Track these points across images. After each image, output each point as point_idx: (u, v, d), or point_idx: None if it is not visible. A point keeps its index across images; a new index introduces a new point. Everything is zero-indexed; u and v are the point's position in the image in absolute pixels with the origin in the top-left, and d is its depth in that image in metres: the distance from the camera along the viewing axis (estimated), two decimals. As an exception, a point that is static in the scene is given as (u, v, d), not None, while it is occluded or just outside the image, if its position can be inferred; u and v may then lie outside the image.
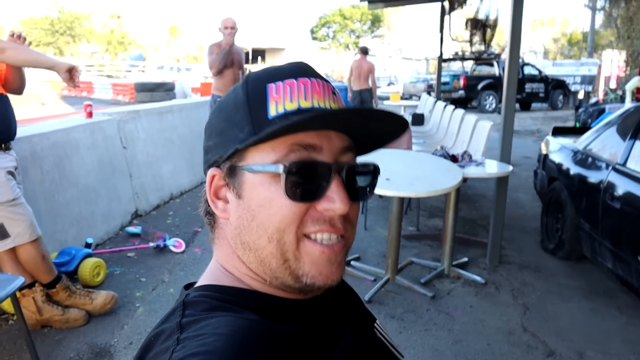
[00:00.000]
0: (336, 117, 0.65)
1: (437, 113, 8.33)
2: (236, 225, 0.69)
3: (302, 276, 0.66)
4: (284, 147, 0.65)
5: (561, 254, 4.32)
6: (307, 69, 0.71)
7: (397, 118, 0.67)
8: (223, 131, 0.70)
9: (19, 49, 2.81)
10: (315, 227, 0.65)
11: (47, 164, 3.93)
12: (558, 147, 4.89)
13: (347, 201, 0.65)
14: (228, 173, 0.69)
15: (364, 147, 0.74)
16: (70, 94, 23.23)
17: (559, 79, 20.33)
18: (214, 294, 0.68)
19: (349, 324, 0.79)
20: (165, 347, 0.58)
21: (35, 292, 3.01)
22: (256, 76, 0.70)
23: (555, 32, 52.24)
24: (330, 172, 0.65)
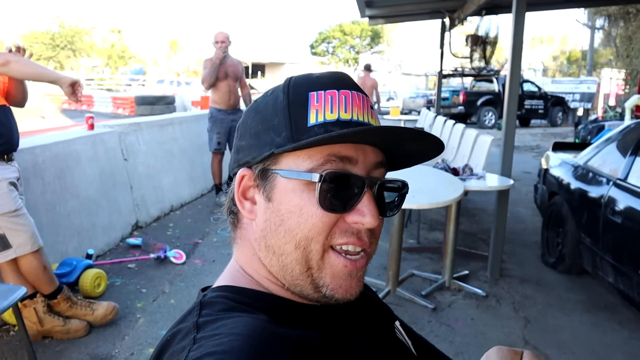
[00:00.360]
0: (375, 133, 0.66)
1: (437, 128, 8.36)
2: (262, 227, 0.70)
3: (322, 287, 0.67)
4: (320, 156, 0.65)
5: (562, 268, 4.32)
6: (348, 80, 0.72)
7: (434, 139, 0.69)
8: (258, 133, 0.70)
9: (22, 62, 2.83)
10: (343, 239, 0.66)
11: (49, 175, 3.94)
12: (559, 162, 4.92)
13: (377, 216, 0.66)
14: (260, 175, 0.69)
15: (396, 164, 0.76)
16: (70, 108, 23.31)
17: (558, 96, 20.45)
18: (231, 295, 0.68)
19: (366, 331, 0.78)
20: (181, 347, 0.58)
21: (36, 302, 3.00)
22: (298, 82, 0.71)
23: (554, 50, 52.67)
24: (364, 185, 0.66)
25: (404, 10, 8.84)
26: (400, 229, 3.68)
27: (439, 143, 0.70)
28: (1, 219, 2.81)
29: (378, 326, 0.82)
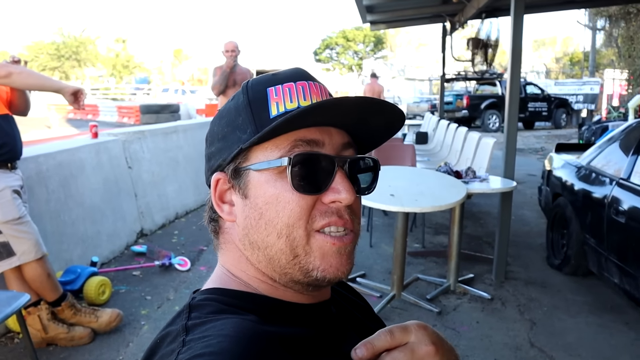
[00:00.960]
0: (336, 106, 0.66)
1: (440, 131, 8.37)
2: (244, 225, 0.70)
3: (312, 270, 0.67)
4: (287, 143, 0.66)
5: (567, 269, 4.30)
6: (303, 73, 0.73)
7: (394, 108, 0.70)
8: (226, 135, 0.71)
9: (24, 73, 2.86)
10: (324, 220, 0.66)
11: (53, 183, 3.96)
12: (562, 163, 4.90)
13: (352, 191, 0.66)
14: (233, 175, 0.70)
15: (364, 145, 0.77)
16: (76, 117, 23.46)
17: (562, 97, 20.41)
18: (219, 297, 0.68)
19: (356, 331, 0.79)
20: (170, 349, 0.58)
21: (40, 310, 3.01)
22: (255, 82, 0.72)
23: (556, 52, 52.62)
24: (334, 164, 0.67)
25: (405, 15, 8.87)
26: (404, 233, 3.67)
27: (400, 113, 0.71)
28: (5, 226, 2.82)
29: (369, 328, 0.82)
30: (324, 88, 0.72)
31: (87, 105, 23.92)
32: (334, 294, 0.85)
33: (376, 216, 5.95)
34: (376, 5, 7.75)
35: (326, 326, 0.73)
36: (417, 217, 5.69)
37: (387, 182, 3.78)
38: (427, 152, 7.88)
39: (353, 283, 4.04)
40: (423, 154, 7.35)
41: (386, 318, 3.50)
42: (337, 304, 0.82)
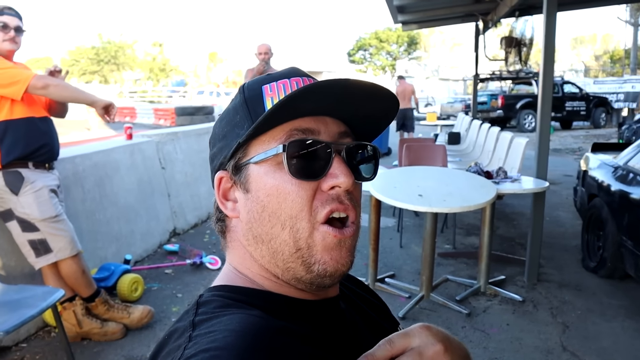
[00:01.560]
0: (324, 88, 0.65)
1: (473, 131, 8.26)
2: (247, 220, 0.71)
3: (313, 264, 0.67)
4: (283, 133, 0.68)
5: (603, 272, 4.18)
6: (298, 71, 0.75)
7: (387, 92, 0.69)
8: (226, 135, 0.73)
9: (60, 86, 2.96)
10: (326, 208, 0.67)
11: (89, 183, 4.08)
12: (598, 163, 4.77)
13: (350, 175, 0.67)
14: (233, 171, 0.71)
15: (362, 137, 0.76)
16: (115, 120, 24.00)
17: (601, 96, 19.82)
18: (227, 294, 0.69)
19: (369, 328, 0.79)
20: (177, 345, 0.59)
21: (75, 305, 3.11)
22: (252, 82, 0.74)
23: (596, 50, 51.20)
24: (330, 151, 0.67)
25: (436, 14, 8.78)
26: (433, 234, 3.64)
27: (392, 97, 0.70)
28: (43, 224, 2.93)
29: (382, 327, 0.82)
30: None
31: (125, 108, 24.54)
32: (347, 291, 0.86)
33: (407, 217, 5.92)
34: (407, 6, 7.70)
35: (333, 322, 0.73)
36: (448, 218, 5.63)
37: (415, 182, 3.76)
38: (459, 152, 7.78)
39: (382, 283, 4.03)
40: (455, 155, 7.26)
41: (414, 319, 3.48)
42: (347, 300, 0.82)
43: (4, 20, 2.93)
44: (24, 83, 2.82)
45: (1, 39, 2.92)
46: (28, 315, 2.35)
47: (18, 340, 3.10)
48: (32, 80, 2.83)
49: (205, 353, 0.54)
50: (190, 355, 0.54)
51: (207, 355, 0.53)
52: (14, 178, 2.89)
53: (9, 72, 2.83)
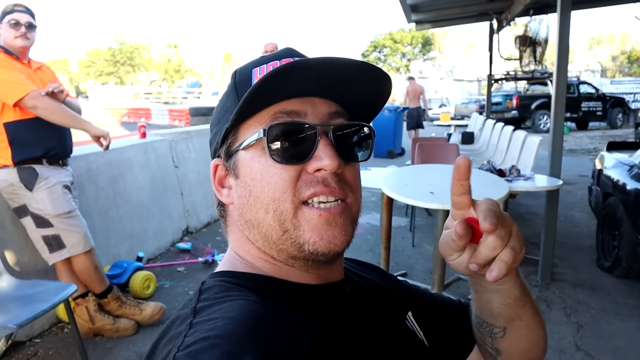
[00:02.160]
0: (307, 69, 0.64)
1: (486, 131, 8.21)
2: (238, 205, 0.71)
3: (303, 244, 0.65)
4: (268, 117, 0.67)
5: (618, 272, 4.13)
6: (291, 52, 0.73)
7: (375, 69, 0.66)
8: (219, 120, 0.73)
9: (49, 110, 2.92)
10: (310, 190, 0.65)
11: (102, 181, 4.12)
12: (613, 162, 4.71)
13: (335, 157, 0.65)
14: (225, 158, 0.72)
15: (362, 117, 0.74)
16: (130, 120, 24.27)
17: (618, 97, 19.58)
18: (228, 279, 0.69)
19: (373, 312, 0.78)
20: (178, 332, 0.58)
21: (88, 301, 3.14)
22: (244, 65, 0.73)
23: (613, 50, 50.58)
24: (316, 133, 0.66)
25: (450, 14, 8.73)
26: (444, 231, 3.61)
27: (382, 73, 0.67)
28: (56, 219, 2.96)
29: (386, 313, 0.81)
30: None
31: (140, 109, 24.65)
32: (354, 276, 0.85)
33: (419, 216, 5.89)
34: (420, 5, 7.67)
35: (336, 307, 0.72)
36: (461, 217, 5.58)
37: (427, 179, 3.74)
38: (473, 152, 7.73)
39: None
40: (468, 154, 7.20)
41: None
42: (353, 285, 0.81)
43: (15, 17, 2.97)
44: (18, 96, 2.83)
45: (13, 35, 2.96)
46: (40, 310, 2.38)
47: (32, 336, 3.14)
48: (25, 98, 2.84)
49: (205, 341, 0.53)
50: (190, 343, 0.54)
51: (207, 343, 0.53)
52: (28, 174, 2.93)
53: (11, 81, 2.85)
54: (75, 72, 53.97)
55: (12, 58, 2.95)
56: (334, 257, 0.68)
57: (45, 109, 2.92)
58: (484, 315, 0.79)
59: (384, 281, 0.91)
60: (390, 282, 0.93)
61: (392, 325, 0.80)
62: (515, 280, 0.71)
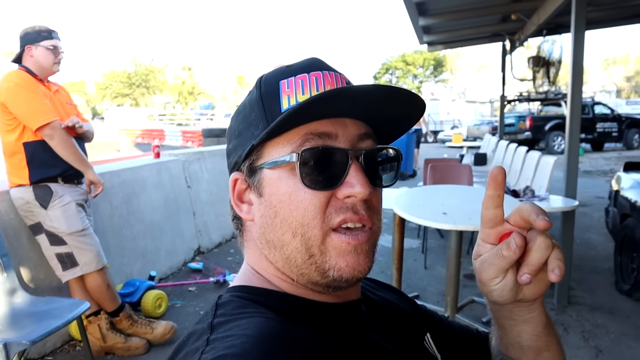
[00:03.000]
0: (341, 96, 0.63)
1: (500, 152, 8.17)
2: (260, 224, 0.69)
3: (328, 270, 0.64)
4: (298, 137, 0.64)
5: (638, 294, 4.04)
6: (319, 63, 0.71)
7: (409, 94, 0.65)
8: (241, 132, 0.71)
9: (63, 144, 2.97)
10: (340, 216, 0.64)
11: (117, 200, 4.15)
12: (631, 182, 4.65)
13: (367, 185, 0.64)
14: (248, 173, 0.69)
15: (385, 136, 0.74)
16: (144, 141, 24.54)
17: (634, 117, 19.42)
18: (245, 295, 0.67)
19: (390, 332, 0.77)
20: (195, 348, 0.58)
21: (100, 319, 3.14)
22: (269, 75, 0.71)
23: (628, 70, 50.40)
24: (348, 157, 0.64)
25: (463, 35, 8.77)
26: (458, 253, 3.58)
27: (417, 99, 0.66)
28: (70, 237, 2.98)
29: (404, 334, 0.80)
30: (340, 77, 0.70)
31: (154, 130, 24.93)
32: (371, 295, 0.83)
33: (431, 238, 5.85)
34: (432, 26, 7.72)
35: (353, 326, 0.71)
36: (474, 239, 5.54)
37: (440, 200, 3.72)
38: (486, 173, 7.68)
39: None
40: (481, 175, 7.17)
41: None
42: (370, 304, 0.80)
43: (54, 43, 3.07)
44: (41, 123, 2.89)
45: (52, 61, 3.06)
46: (54, 326, 2.38)
47: (44, 353, 3.14)
48: (47, 126, 2.90)
49: (222, 359, 0.53)
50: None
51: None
52: (44, 192, 2.96)
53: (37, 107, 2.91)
54: (92, 93, 54.89)
55: (37, 80, 3.01)
56: (356, 282, 0.67)
57: (60, 141, 2.97)
58: (512, 352, 0.77)
59: (401, 301, 0.89)
60: (408, 303, 0.91)
61: (410, 346, 0.79)
62: (543, 305, 0.70)
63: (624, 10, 7.62)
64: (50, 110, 2.94)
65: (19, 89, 2.89)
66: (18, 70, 3.00)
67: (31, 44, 3.03)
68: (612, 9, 7.45)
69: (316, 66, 0.70)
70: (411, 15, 6.75)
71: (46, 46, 3.04)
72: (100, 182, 3.21)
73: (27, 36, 3.05)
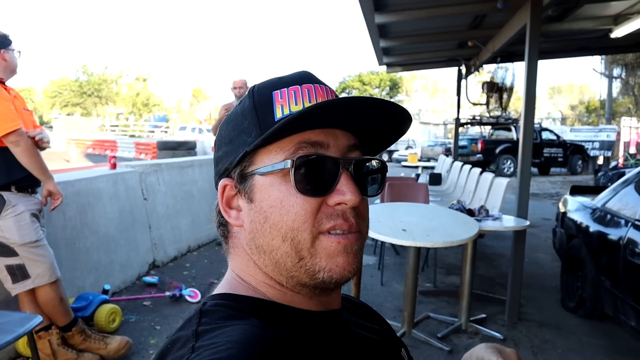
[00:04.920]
0: (336, 107, 0.66)
1: (454, 172, 8.39)
2: (250, 229, 0.70)
3: (318, 272, 0.66)
4: (291, 145, 0.67)
5: (582, 312, 4.22)
6: (310, 76, 0.74)
7: (399, 109, 0.69)
8: (232, 139, 0.72)
9: (28, 152, 2.89)
10: (330, 222, 0.66)
11: (70, 210, 4.03)
12: (576, 205, 4.87)
13: (357, 193, 0.66)
14: (239, 179, 0.71)
15: (372, 147, 0.77)
16: (94, 152, 23.87)
17: (578, 144, 20.38)
18: (230, 303, 0.68)
19: (371, 341, 0.78)
20: (180, 355, 0.58)
21: (51, 334, 3.02)
22: (262, 85, 0.73)
23: (572, 100, 52.83)
24: (339, 166, 0.67)
25: (421, 58, 9.03)
26: (415, 269, 3.66)
27: (405, 113, 0.70)
28: (22, 249, 2.87)
29: (383, 344, 0.81)
30: (330, 91, 0.73)
31: (105, 141, 24.34)
32: (348, 305, 0.85)
33: (388, 255, 5.93)
34: (392, 48, 7.91)
35: (337, 333, 0.72)
36: (429, 256, 5.66)
37: (399, 217, 3.79)
38: (441, 192, 7.88)
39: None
40: (436, 195, 7.35)
41: (396, 355, 3.44)
42: (350, 315, 0.81)
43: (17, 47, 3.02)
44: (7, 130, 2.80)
45: (16, 64, 3.01)
46: (3, 341, 2.27)
47: (-12, 370, 3.00)
48: (13, 133, 2.82)
49: None
50: None
51: None
52: (-4, 201, 2.85)
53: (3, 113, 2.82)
54: (40, 101, 53.07)
55: (2, 84, 2.92)
56: (344, 283, 0.69)
57: (25, 149, 2.88)
58: None
59: (374, 316, 0.92)
60: (379, 319, 0.93)
61: (389, 357, 0.81)
62: None
63: (572, 43, 8.04)
64: (16, 116, 2.85)
65: None
66: None
67: (3, 47, 2.95)
68: (562, 41, 7.86)
69: (307, 79, 0.72)
70: (372, 37, 6.91)
71: (14, 49, 2.97)
72: (60, 194, 3.11)
73: None
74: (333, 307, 0.75)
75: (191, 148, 19.56)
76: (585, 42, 7.90)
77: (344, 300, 0.89)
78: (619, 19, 6.23)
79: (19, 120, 2.86)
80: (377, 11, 5.71)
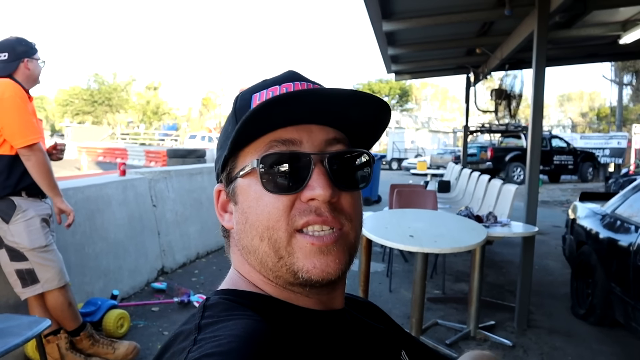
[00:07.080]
0: (299, 98, 0.65)
1: (463, 180, 8.37)
2: (236, 230, 0.72)
3: (297, 272, 0.66)
4: (262, 145, 0.67)
5: (593, 319, 4.18)
6: (294, 75, 0.74)
7: (368, 97, 0.67)
8: (221, 145, 0.74)
9: (40, 166, 2.92)
10: (303, 219, 0.66)
11: (80, 216, 4.06)
12: (586, 211, 4.84)
13: (328, 187, 0.65)
14: (226, 184, 0.73)
15: (362, 142, 0.76)
16: (105, 160, 24.05)
17: (588, 151, 20.24)
18: (232, 298, 0.69)
19: (371, 343, 0.78)
20: (182, 347, 0.58)
21: (59, 339, 3.05)
22: (245, 90, 0.74)
23: (582, 107, 52.55)
24: (310, 161, 0.66)
25: (429, 65, 9.03)
26: (423, 275, 3.64)
27: (382, 103, 0.69)
28: (31, 253, 2.90)
29: (383, 347, 0.81)
30: (311, 87, 0.71)
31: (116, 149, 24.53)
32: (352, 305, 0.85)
33: (396, 262, 5.92)
34: (401, 56, 7.93)
35: (340, 332, 0.72)
36: (438, 263, 5.64)
37: (407, 223, 3.79)
38: (449, 199, 7.85)
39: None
40: (445, 202, 7.32)
41: (404, 362, 3.42)
42: (353, 315, 0.81)
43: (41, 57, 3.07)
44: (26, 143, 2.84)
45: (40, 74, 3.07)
46: (12, 344, 2.29)
47: (-2, 374, 3.01)
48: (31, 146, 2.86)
49: (209, 358, 0.53)
50: (194, 359, 0.54)
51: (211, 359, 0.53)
52: (6, 206, 2.88)
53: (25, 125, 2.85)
54: (51, 109, 53.61)
55: (27, 95, 2.97)
56: (328, 284, 0.68)
57: (37, 163, 2.90)
58: None
59: (379, 316, 0.92)
60: (385, 319, 0.93)
61: (388, 358, 0.81)
62: None
63: (580, 50, 8.00)
64: (37, 130, 2.89)
65: (16, 102, 2.82)
66: (13, 82, 2.90)
67: (28, 57, 2.98)
68: (570, 48, 7.83)
69: (290, 78, 0.72)
70: (381, 45, 6.93)
71: (39, 60, 3.02)
72: (71, 210, 3.12)
73: (20, 48, 2.98)
74: (334, 307, 0.75)
75: (201, 156, 19.68)
76: (594, 48, 7.86)
77: (347, 300, 0.89)
78: (627, 25, 6.20)
79: (39, 134, 2.90)
80: (385, 19, 5.73)
